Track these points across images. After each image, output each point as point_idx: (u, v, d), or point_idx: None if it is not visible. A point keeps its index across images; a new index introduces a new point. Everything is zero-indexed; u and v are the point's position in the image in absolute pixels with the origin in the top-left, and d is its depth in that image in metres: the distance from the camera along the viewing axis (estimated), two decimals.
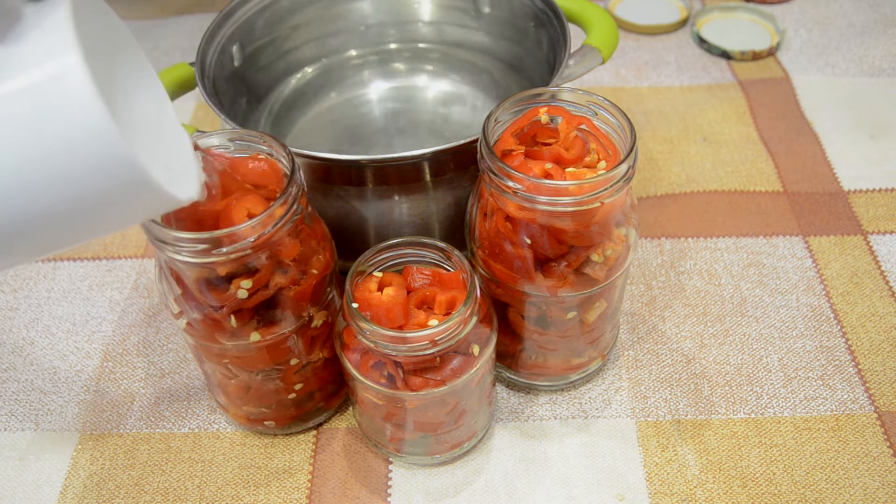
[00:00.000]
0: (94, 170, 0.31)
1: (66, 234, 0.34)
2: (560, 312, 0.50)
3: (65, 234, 0.34)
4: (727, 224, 0.69)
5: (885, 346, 0.59)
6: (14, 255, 0.35)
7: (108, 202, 0.33)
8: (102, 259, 0.69)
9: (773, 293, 0.63)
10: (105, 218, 0.34)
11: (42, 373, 0.60)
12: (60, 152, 0.31)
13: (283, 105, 0.73)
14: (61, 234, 0.34)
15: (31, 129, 0.30)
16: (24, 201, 0.32)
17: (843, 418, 0.55)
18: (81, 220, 0.33)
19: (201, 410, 0.58)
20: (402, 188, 0.55)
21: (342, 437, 0.55)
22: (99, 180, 0.32)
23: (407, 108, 0.74)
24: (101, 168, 0.31)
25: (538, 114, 0.48)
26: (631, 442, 0.54)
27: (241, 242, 0.41)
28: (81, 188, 0.32)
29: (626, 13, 0.95)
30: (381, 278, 0.47)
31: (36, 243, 0.34)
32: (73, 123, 0.30)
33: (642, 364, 0.59)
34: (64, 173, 0.31)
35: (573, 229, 0.45)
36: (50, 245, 0.35)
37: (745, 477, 0.52)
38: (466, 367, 0.46)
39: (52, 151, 0.31)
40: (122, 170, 0.32)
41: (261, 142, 0.46)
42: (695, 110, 0.82)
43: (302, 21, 0.73)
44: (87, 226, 0.34)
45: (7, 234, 0.33)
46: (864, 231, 0.68)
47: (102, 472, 0.54)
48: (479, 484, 0.53)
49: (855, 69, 0.86)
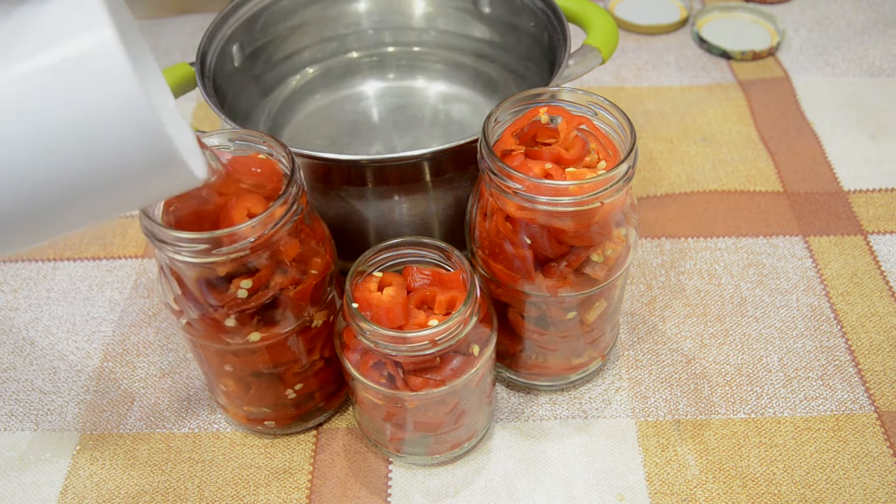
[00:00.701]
0: (125, 141, 0.32)
1: (83, 212, 0.34)
2: (560, 312, 0.50)
3: (82, 210, 0.34)
4: (727, 224, 0.69)
5: (885, 346, 0.59)
6: (27, 235, 0.35)
7: (133, 175, 0.33)
8: (102, 259, 0.69)
9: (773, 293, 0.63)
10: (125, 193, 0.34)
11: (42, 373, 0.60)
12: (92, 125, 0.31)
13: (283, 105, 0.74)
14: (78, 210, 0.34)
15: (65, 100, 0.31)
16: (50, 173, 0.32)
17: (843, 418, 0.55)
18: (103, 194, 0.34)
19: (201, 410, 0.58)
20: (402, 188, 0.55)
21: (342, 437, 0.55)
22: (128, 152, 0.32)
23: (407, 105, 0.74)
24: (132, 140, 0.32)
25: (538, 114, 0.48)
26: (631, 442, 0.54)
27: (241, 242, 0.41)
28: (110, 160, 0.32)
29: (626, 13, 0.95)
30: (381, 278, 0.47)
31: (45, 221, 0.34)
32: (107, 96, 0.31)
33: (642, 364, 0.59)
34: (94, 146, 0.32)
35: (573, 229, 0.45)
36: (58, 225, 0.35)
37: (745, 477, 0.52)
38: (466, 367, 0.47)
39: (83, 124, 0.31)
40: (152, 141, 0.32)
41: (261, 142, 0.46)
42: (695, 110, 0.82)
43: (302, 21, 0.73)
44: (106, 202, 0.34)
45: (28, 209, 0.33)
46: (864, 231, 0.68)
47: (102, 472, 0.54)
48: (479, 484, 0.53)
49: (855, 69, 0.86)
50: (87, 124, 0.31)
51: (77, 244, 0.70)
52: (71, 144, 0.31)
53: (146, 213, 0.42)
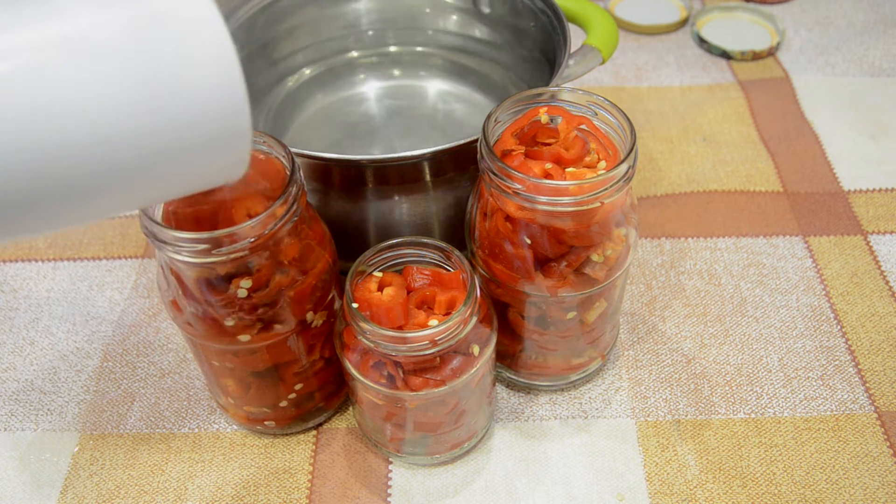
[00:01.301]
0: (211, 117, 0.32)
1: (138, 188, 0.33)
2: (560, 312, 0.50)
3: (139, 185, 0.33)
4: (727, 224, 0.69)
5: (885, 346, 0.59)
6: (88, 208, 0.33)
7: (200, 151, 0.33)
8: (102, 259, 0.69)
9: (773, 293, 0.63)
10: (182, 170, 0.34)
11: (42, 373, 0.60)
12: (187, 90, 0.31)
13: (283, 104, 0.73)
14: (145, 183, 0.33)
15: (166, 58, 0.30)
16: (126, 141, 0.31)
17: (843, 418, 0.55)
18: (166, 168, 0.33)
19: (201, 410, 0.58)
20: (402, 188, 0.55)
21: (342, 437, 0.55)
22: (210, 123, 0.32)
23: (407, 105, 0.74)
24: (218, 111, 0.32)
25: (538, 114, 0.48)
26: (631, 442, 0.54)
27: (241, 242, 0.41)
28: (189, 135, 0.32)
29: (626, 13, 0.95)
30: (381, 278, 0.47)
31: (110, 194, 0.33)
32: (204, 62, 0.31)
33: (642, 364, 0.59)
34: (185, 109, 0.31)
35: (573, 229, 0.45)
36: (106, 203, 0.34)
37: (745, 477, 0.52)
38: (466, 367, 0.47)
39: (177, 87, 0.31)
40: (234, 115, 0.32)
41: (260, 141, 0.46)
42: (695, 110, 0.82)
43: (301, 22, 0.73)
44: (163, 178, 0.34)
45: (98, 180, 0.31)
46: (864, 231, 0.68)
47: (102, 472, 0.54)
48: (479, 484, 0.53)
49: (855, 69, 0.86)
50: (180, 90, 0.31)
51: (77, 244, 0.70)
52: (159, 104, 0.30)
53: (146, 213, 0.42)
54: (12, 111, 0.28)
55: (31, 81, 0.28)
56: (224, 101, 0.32)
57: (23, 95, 0.28)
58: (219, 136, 0.32)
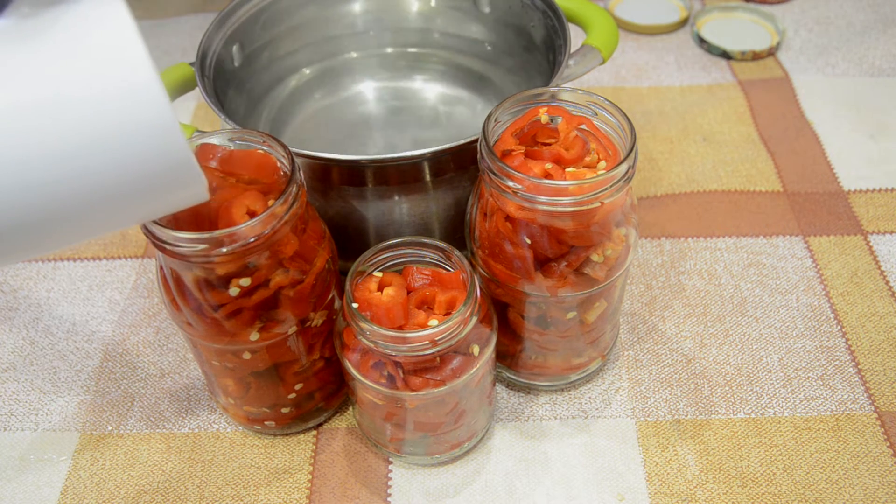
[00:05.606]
0: (153, 164, 0.33)
1: (99, 221, 0.35)
2: (560, 312, 0.50)
3: (99, 220, 0.35)
4: (727, 224, 0.69)
5: (885, 346, 0.59)
6: (48, 240, 0.35)
7: (155, 192, 0.34)
8: (102, 259, 0.69)
9: (773, 293, 0.63)
10: (143, 207, 0.35)
11: (42, 373, 0.60)
12: (125, 145, 0.32)
13: (283, 104, 0.73)
14: (95, 220, 0.35)
15: (102, 123, 0.32)
16: (78, 184, 0.32)
17: (843, 418, 0.55)
18: (121, 206, 0.34)
19: (201, 410, 0.58)
20: (402, 188, 0.55)
21: (342, 437, 0.55)
22: (155, 176, 0.33)
23: (407, 105, 0.74)
24: (160, 164, 0.33)
25: (538, 114, 0.48)
26: (631, 442, 0.54)
27: (240, 242, 0.41)
28: (135, 179, 0.33)
29: (626, 13, 0.95)
30: (381, 278, 0.47)
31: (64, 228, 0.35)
32: (143, 125, 0.32)
33: (642, 364, 0.59)
34: (124, 162, 0.33)
35: (573, 229, 0.45)
36: (70, 234, 0.36)
37: (745, 477, 0.52)
38: (466, 367, 0.47)
39: (116, 141, 0.32)
40: (179, 167, 0.34)
41: (261, 141, 0.46)
42: (695, 110, 0.82)
43: (302, 22, 0.72)
44: (123, 213, 0.35)
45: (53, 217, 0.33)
46: (864, 231, 0.68)
47: (102, 472, 0.54)
48: (479, 484, 0.53)
49: (855, 69, 0.86)
50: (121, 147, 0.32)
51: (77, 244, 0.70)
52: (102, 160, 0.32)
53: None
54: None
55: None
56: (155, 138, 0.33)
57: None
58: (160, 167, 0.33)
